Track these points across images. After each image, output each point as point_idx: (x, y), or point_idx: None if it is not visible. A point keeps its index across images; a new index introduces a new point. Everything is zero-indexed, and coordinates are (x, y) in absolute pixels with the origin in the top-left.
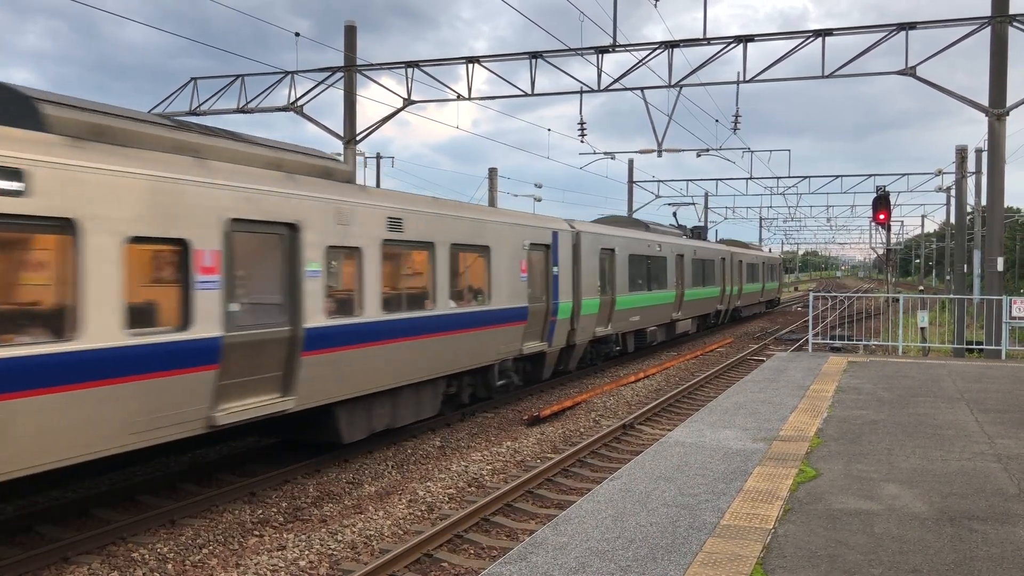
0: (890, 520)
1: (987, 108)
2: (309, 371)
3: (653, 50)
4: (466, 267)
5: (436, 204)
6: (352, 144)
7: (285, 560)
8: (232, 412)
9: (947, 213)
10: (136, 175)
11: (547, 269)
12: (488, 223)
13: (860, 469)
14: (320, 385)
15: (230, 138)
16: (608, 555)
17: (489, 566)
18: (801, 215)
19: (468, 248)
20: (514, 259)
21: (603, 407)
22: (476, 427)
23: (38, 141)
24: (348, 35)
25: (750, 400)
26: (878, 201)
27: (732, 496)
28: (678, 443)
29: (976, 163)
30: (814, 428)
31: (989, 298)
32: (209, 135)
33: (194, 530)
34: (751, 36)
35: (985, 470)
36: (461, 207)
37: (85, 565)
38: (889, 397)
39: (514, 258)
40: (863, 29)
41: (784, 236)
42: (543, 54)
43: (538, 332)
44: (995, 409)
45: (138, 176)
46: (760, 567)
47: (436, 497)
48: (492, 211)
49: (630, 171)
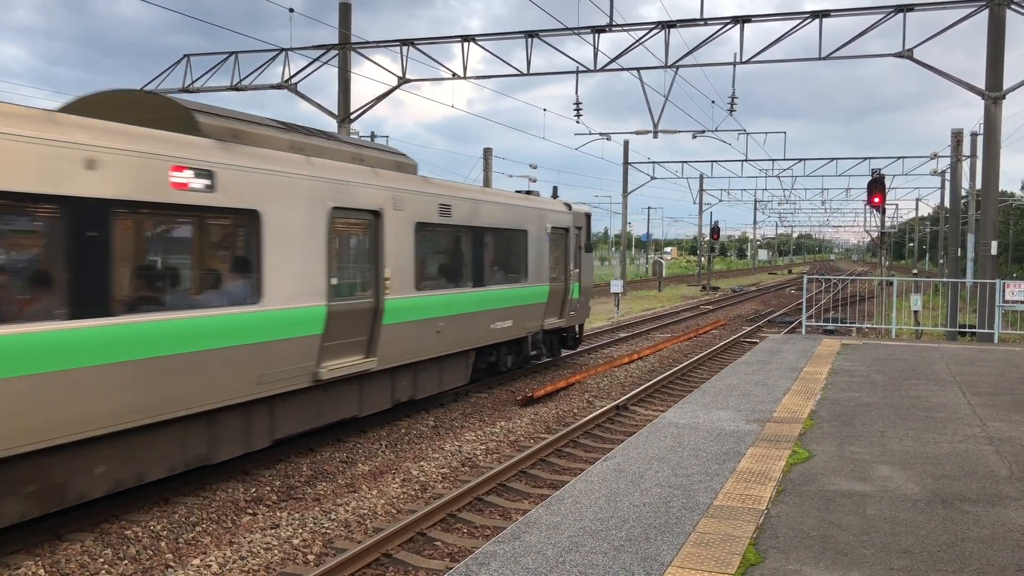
0: (882, 502)
1: (983, 91)
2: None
3: (650, 30)
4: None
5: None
6: (346, 123)
7: (278, 538)
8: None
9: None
10: (286, 174)
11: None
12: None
13: (853, 451)
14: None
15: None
16: (601, 534)
17: (483, 545)
18: (796, 198)
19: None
20: (540, 241)
21: (596, 388)
22: (470, 407)
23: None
24: (343, 12)
25: (744, 382)
26: (873, 184)
27: (725, 477)
28: (672, 424)
29: (971, 147)
30: (807, 410)
31: (982, 282)
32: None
33: (187, 508)
34: (748, 17)
35: (977, 452)
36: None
37: (78, 542)
38: (882, 380)
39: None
40: (861, 11)
41: (779, 218)
42: (539, 33)
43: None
44: (987, 392)
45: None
46: (753, 547)
47: (430, 476)
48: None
49: (625, 152)
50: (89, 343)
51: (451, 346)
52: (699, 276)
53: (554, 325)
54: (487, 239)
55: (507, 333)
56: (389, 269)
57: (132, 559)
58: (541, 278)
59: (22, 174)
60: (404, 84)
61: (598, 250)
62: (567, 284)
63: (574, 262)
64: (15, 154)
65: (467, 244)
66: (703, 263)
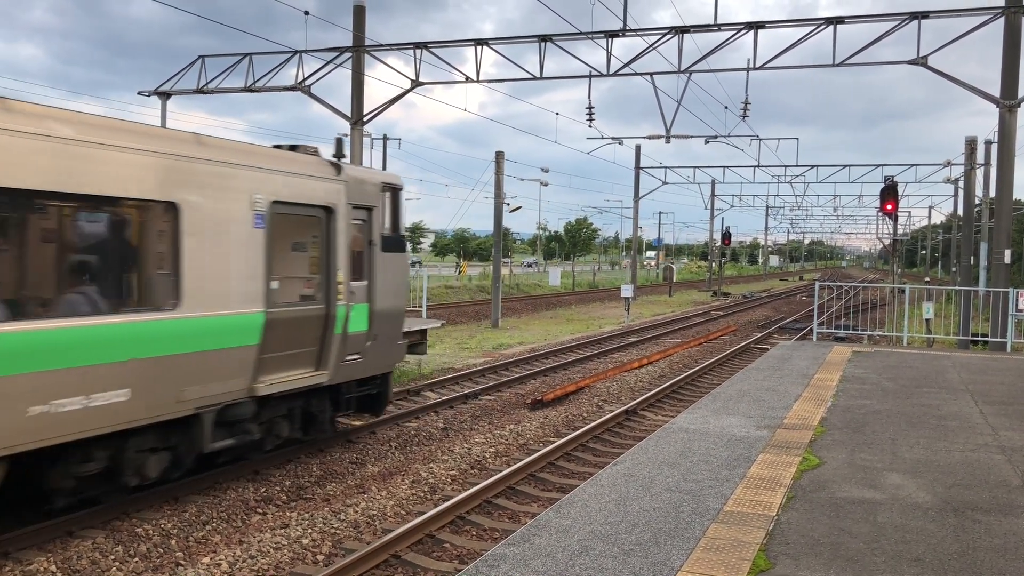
0: (893, 509)
1: (998, 99)
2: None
3: (663, 35)
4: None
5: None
6: (359, 125)
7: (288, 538)
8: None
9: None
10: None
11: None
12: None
13: (864, 458)
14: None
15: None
16: (611, 538)
17: (492, 547)
18: (808, 204)
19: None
20: (229, 228)
21: (606, 392)
22: (479, 410)
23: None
24: (357, 15)
25: (754, 388)
26: (886, 191)
27: (735, 483)
28: (682, 429)
29: (985, 155)
30: (818, 417)
31: (996, 290)
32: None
33: (197, 507)
34: (762, 22)
35: (989, 462)
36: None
37: (90, 539)
38: (893, 387)
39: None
40: (875, 18)
41: (790, 225)
42: (552, 37)
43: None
44: (999, 401)
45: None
46: (763, 553)
47: (439, 478)
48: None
49: (637, 157)
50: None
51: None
52: (710, 282)
53: (299, 383)
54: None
55: (104, 418)
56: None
57: (143, 556)
58: (236, 298)
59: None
60: (417, 87)
61: (608, 254)
62: (330, 307)
63: (353, 267)
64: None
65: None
66: (714, 269)
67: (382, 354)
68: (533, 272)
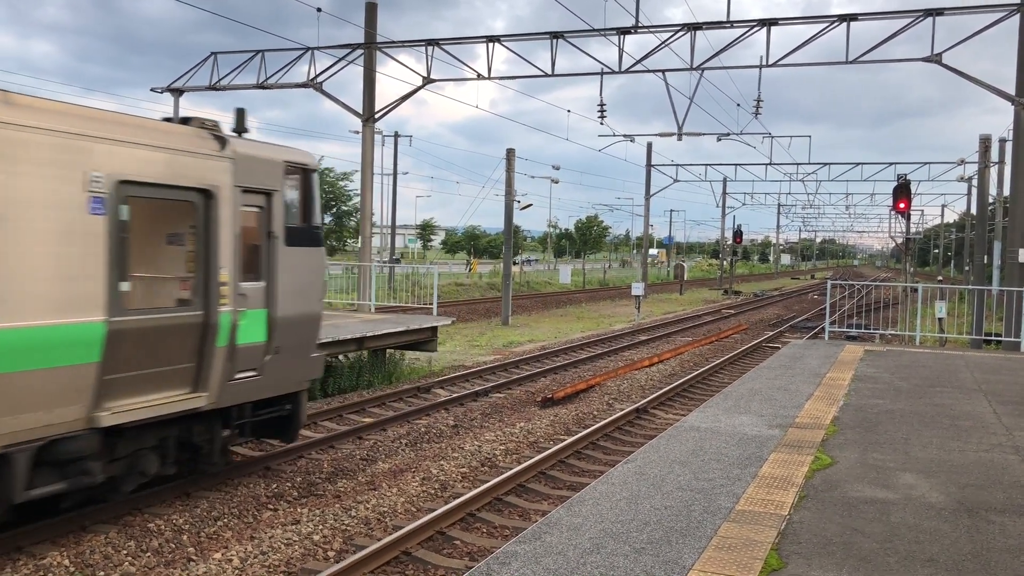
0: (906, 509)
1: (1013, 96)
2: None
3: (676, 32)
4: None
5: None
6: (371, 122)
7: (299, 534)
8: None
9: (968, 203)
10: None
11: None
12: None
13: (876, 458)
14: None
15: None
16: (623, 537)
17: (503, 545)
18: (820, 202)
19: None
20: (60, 214)
21: (617, 391)
22: (489, 407)
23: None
24: (368, 12)
25: (766, 387)
26: (899, 190)
27: (747, 482)
28: (693, 428)
29: (1000, 153)
30: (830, 416)
31: (1009, 289)
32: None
33: (209, 503)
34: (775, 20)
35: (1003, 462)
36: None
37: (102, 534)
38: (906, 387)
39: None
40: (889, 15)
41: (802, 223)
42: (564, 34)
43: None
44: (1013, 401)
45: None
46: (775, 552)
47: (449, 476)
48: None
49: (648, 154)
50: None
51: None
52: (721, 280)
53: (166, 409)
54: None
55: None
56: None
57: (155, 551)
58: (58, 305)
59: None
60: (429, 84)
61: (619, 252)
62: (210, 314)
63: (245, 265)
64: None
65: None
66: (725, 267)
67: (288, 370)
68: (543, 270)
